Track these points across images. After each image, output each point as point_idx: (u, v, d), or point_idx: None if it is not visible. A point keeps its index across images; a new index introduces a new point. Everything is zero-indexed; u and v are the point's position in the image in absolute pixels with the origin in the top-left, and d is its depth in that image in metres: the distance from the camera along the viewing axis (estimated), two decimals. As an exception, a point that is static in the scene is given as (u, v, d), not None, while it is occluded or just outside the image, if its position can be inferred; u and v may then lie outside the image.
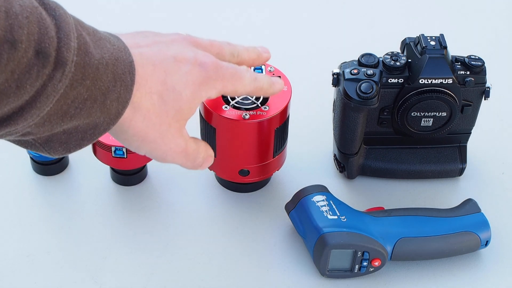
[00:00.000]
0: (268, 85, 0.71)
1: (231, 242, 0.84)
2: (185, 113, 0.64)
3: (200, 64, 0.64)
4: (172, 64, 0.63)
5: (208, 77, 0.65)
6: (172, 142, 0.64)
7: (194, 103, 0.65)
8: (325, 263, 0.79)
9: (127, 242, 0.84)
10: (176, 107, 0.63)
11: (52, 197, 0.88)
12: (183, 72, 0.63)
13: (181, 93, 0.63)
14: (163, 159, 0.66)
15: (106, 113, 0.57)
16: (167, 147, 0.64)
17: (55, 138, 0.57)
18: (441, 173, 0.90)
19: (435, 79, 0.81)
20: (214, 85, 0.65)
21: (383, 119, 0.86)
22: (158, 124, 0.62)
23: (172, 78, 0.62)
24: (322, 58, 1.04)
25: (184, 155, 0.66)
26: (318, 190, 0.82)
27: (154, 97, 0.61)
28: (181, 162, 0.67)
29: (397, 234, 0.79)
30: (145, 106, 0.61)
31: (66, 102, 0.54)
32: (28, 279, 0.80)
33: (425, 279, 0.81)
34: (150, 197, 0.88)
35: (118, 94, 0.57)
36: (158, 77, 0.62)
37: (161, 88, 0.62)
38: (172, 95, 0.62)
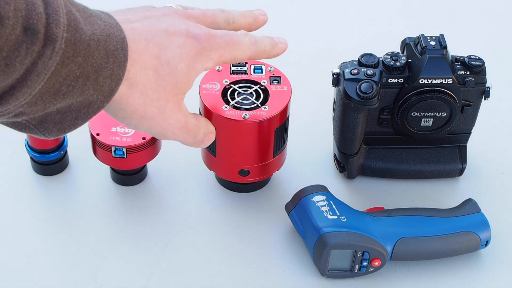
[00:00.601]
0: (270, 46, 0.71)
1: (231, 242, 0.84)
2: (182, 87, 0.63)
3: (193, 36, 0.64)
4: (165, 38, 0.62)
5: (202, 48, 0.64)
6: (172, 118, 0.64)
7: (190, 76, 0.64)
8: (325, 263, 0.79)
9: (127, 242, 0.84)
10: (172, 81, 0.62)
11: (52, 197, 0.88)
12: (177, 45, 0.63)
13: (176, 66, 0.62)
14: (164, 135, 0.65)
15: (99, 90, 0.57)
16: (167, 123, 0.64)
17: (49, 119, 0.57)
18: (441, 173, 0.90)
19: (435, 79, 0.81)
20: (209, 55, 0.65)
21: (383, 119, 0.86)
22: (156, 99, 0.62)
23: (166, 52, 0.62)
24: (322, 58, 1.04)
25: (185, 131, 0.66)
26: (318, 190, 0.82)
27: (149, 72, 0.61)
28: (182, 138, 0.67)
29: (397, 234, 0.79)
30: (141, 81, 0.60)
31: (58, 79, 0.53)
32: (28, 279, 0.80)
33: (425, 279, 0.81)
34: (150, 197, 0.88)
35: (111, 70, 0.57)
36: (151, 51, 0.61)
37: (156, 62, 0.61)
38: (168, 69, 0.62)
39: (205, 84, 0.81)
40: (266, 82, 0.82)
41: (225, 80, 0.82)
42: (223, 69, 0.83)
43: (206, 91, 0.81)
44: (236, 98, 0.80)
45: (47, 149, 0.87)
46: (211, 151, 0.84)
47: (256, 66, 0.83)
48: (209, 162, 0.86)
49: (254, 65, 0.83)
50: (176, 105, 0.64)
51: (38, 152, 0.87)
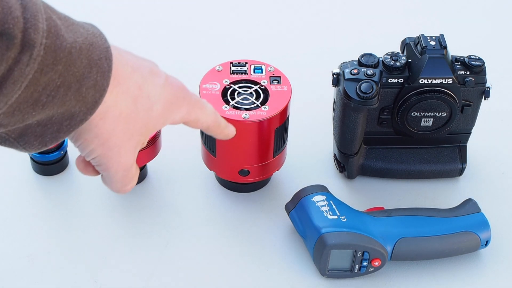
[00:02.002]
0: (224, 123, 0.72)
1: (231, 242, 0.84)
2: (149, 129, 0.62)
3: (171, 84, 0.63)
4: (149, 74, 0.61)
5: (177, 98, 0.63)
6: (125, 156, 0.61)
7: (160, 122, 0.62)
8: (325, 263, 0.79)
9: (127, 242, 0.84)
10: (145, 118, 0.61)
11: (52, 197, 0.88)
12: (158, 84, 0.62)
13: (153, 105, 0.61)
14: (107, 169, 0.62)
15: (82, 101, 0.54)
16: (119, 159, 0.61)
17: (29, 131, 0.54)
18: (441, 173, 0.90)
19: (435, 79, 0.81)
20: (181, 107, 0.64)
21: (383, 119, 0.86)
22: (123, 130, 0.60)
23: (148, 87, 0.61)
24: (322, 58, 1.04)
25: (125, 175, 0.63)
26: (318, 190, 0.82)
27: (129, 100, 0.59)
28: (117, 179, 0.63)
29: (397, 234, 0.79)
30: (119, 106, 0.58)
31: (37, 89, 0.51)
32: (28, 279, 0.80)
33: (425, 279, 0.81)
34: (150, 197, 0.88)
35: (94, 81, 0.54)
36: (136, 80, 0.59)
37: (137, 93, 0.60)
38: (146, 104, 0.60)
39: (205, 84, 0.81)
40: (266, 82, 0.82)
41: (225, 80, 0.82)
42: (223, 69, 0.83)
43: (206, 91, 0.81)
44: (236, 98, 0.80)
45: (47, 149, 0.87)
46: (211, 151, 0.84)
47: (256, 66, 0.83)
48: (209, 162, 0.86)
49: (254, 65, 0.83)
50: (135, 147, 0.61)
51: (38, 152, 0.87)
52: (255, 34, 1.09)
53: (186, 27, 1.09)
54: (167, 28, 1.09)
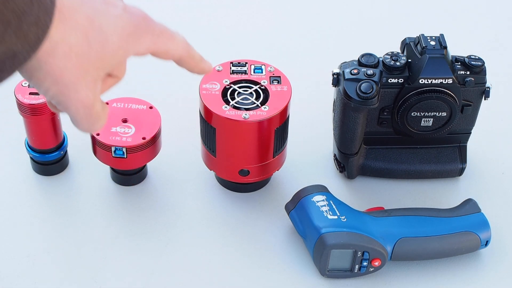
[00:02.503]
0: (199, 57, 0.67)
1: (231, 242, 0.84)
2: (107, 62, 0.58)
3: (130, 12, 0.60)
4: (101, 4, 0.58)
5: (137, 27, 0.60)
6: (83, 92, 0.58)
7: (118, 54, 0.59)
8: (325, 263, 0.79)
9: (127, 242, 0.84)
10: (99, 51, 0.58)
11: (52, 197, 0.88)
12: (113, 15, 0.58)
13: (108, 37, 0.58)
14: (65, 107, 0.58)
15: (23, 39, 0.52)
16: (76, 96, 0.58)
17: None
18: (441, 173, 0.90)
19: (435, 79, 0.81)
20: (143, 38, 0.60)
21: (383, 119, 0.86)
22: (76, 66, 0.57)
23: (100, 18, 0.58)
24: (322, 58, 1.04)
25: (87, 113, 0.59)
26: (318, 190, 0.82)
27: (78, 34, 0.56)
28: (79, 119, 0.60)
29: (397, 234, 0.79)
30: (68, 42, 0.55)
31: None
32: (28, 279, 0.80)
33: (425, 279, 0.81)
34: (150, 197, 0.88)
35: (36, 17, 0.52)
36: (85, 12, 0.57)
37: (88, 25, 0.57)
38: (98, 37, 0.57)
39: (205, 84, 0.81)
40: (266, 82, 0.82)
41: (225, 80, 0.82)
42: (223, 69, 0.83)
43: (206, 91, 0.81)
44: (236, 98, 0.80)
45: (47, 149, 0.87)
46: (211, 151, 0.84)
47: (256, 66, 0.83)
48: (209, 162, 0.86)
49: (254, 65, 0.83)
50: (93, 81, 0.58)
51: (38, 152, 0.87)
52: (255, 34, 1.09)
53: (186, 27, 1.09)
54: (167, 28, 1.09)
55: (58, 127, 0.86)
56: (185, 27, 1.09)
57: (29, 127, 0.85)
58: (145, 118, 0.84)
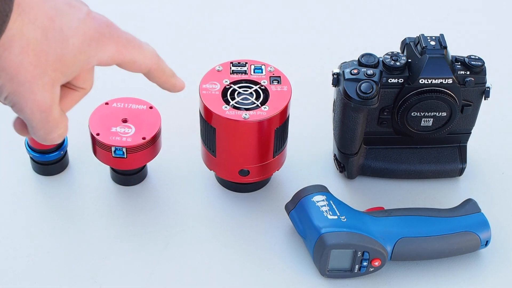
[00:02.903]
0: (171, 72, 0.64)
1: (231, 242, 0.84)
2: (66, 66, 0.56)
3: (94, 18, 0.58)
4: (65, 5, 0.57)
5: (101, 33, 0.58)
6: (40, 94, 0.56)
7: (79, 58, 0.57)
8: (325, 263, 0.79)
9: (127, 242, 0.84)
10: (58, 51, 0.55)
11: (52, 197, 0.88)
12: (76, 18, 0.57)
13: (68, 39, 0.56)
14: (20, 109, 0.56)
15: None
16: (32, 97, 0.55)
17: None
18: (441, 173, 0.90)
19: (435, 79, 0.81)
20: (107, 45, 0.58)
21: (383, 119, 0.86)
22: (33, 64, 0.55)
23: (61, 19, 0.56)
24: (322, 58, 1.04)
25: (44, 118, 0.57)
26: (318, 190, 0.82)
27: (37, 31, 0.55)
28: (35, 124, 0.57)
29: (397, 234, 0.79)
30: (26, 37, 0.54)
31: None
32: (28, 279, 0.80)
33: (425, 279, 0.81)
34: (150, 197, 0.88)
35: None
36: (46, 11, 0.55)
37: (48, 24, 0.55)
38: (58, 37, 0.56)
39: (205, 84, 0.81)
40: (266, 82, 0.82)
41: (225, 80, 0.82)
42: (223, 69, 0.83)
43: (206, 91, 0.81)
44: (236, 98, 0.80)
45: (47, 149, 0.87)
46: (211, 151, 0.84)
47: (256, 66, 0.83)
48: (209, 162, 0.86)
49: (254, 65, 0.83)
50: (51, 83, 0.56)
51: (38, 152, 0.87)
52: (255, 34, 1.09)
53: (186, 27, 1.09)
54: (167, 28, 1.09)
55: (58, 127, 0.86)
56: (185, 27, 1.09)
57: (29, 127, 0.85)
58: (145, 118, 0.84)
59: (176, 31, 1.08)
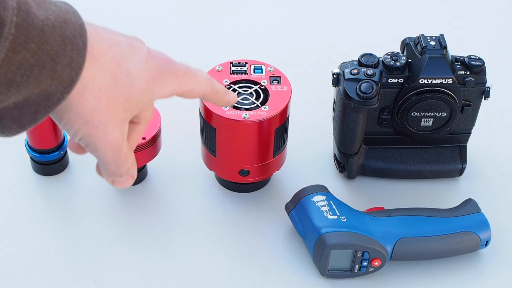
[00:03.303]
0: (224, 90, 0.68)
1: (231, 242, 0.84)
2: (134, 105, 0.60)
3: (154, 57, 0.61)
4: (128, 48, 0.59)
5: (162, 71, 0.61)
6: (112, 134, 0.59)
7: (145, 97, 0.60)
8: (325, 263, 0.79)
9: (127, 242, 0.84)
10: (126, 94, 0.59)
11: (52, 197, 0.88)
12: (139, 59, 0.60)
13: (135, 80, 0.59)
14: (95, 149, 0.60)
15: (57, 80, 0.53)
16: (105, 137, 0.59)
17: (6, 115, 0.53)
18: (441, 173, 0.90)
19: (435, 79, 0.81)
20: (168, 81, 0.62)
21: (383, 119, 0.86)
22: (106, 107, 0.58)
23: (127, 62, 0.59)
24: (322, 58, 1.04)
25: (115, 154, 0.60)
26: (318, 190, 0.82)
27: (107, 76, 0.57)
28: (107, 160, 0.61)
29: (397, 234, 0.79)
30: (98, 83, 0.57)
31: (11, 68, 0.50)
32: (28, 279, 0.80)
33: (425, 279, 0.81)
34: (150, 197, 0.88)
35: (69, 59, 0.53)
36: (113, 56, 0.58)
37: (116, 69, 0.58)
38: (126, 80, 0.59)
39: (205, 84, 0.81)
40: (266, 82, 0.82)
41: (225, 80, 0.82)
42: (223, 69, 0.83)
43: (206, 91, 0.81)
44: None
45: (47, 149, 0.87)
46: (211, 151, 0.84)
47: (256, 66, 0.83)
48: (209, 162, 0.86)
49: (254, 65, 0.83)
50: (121, 123, 0.59)
51: (38, 152, 0.87)
52: (255, 34, 1.09)
53: (186, 27, 1.09)
54: (167, 28, 1.09)
55: (58, 127, 0.86)
56: (185, 27, 1.09)
57: (29, 127, 0.85)
58: (145, 118, 0.84)
59: (176, 31, 1.08)
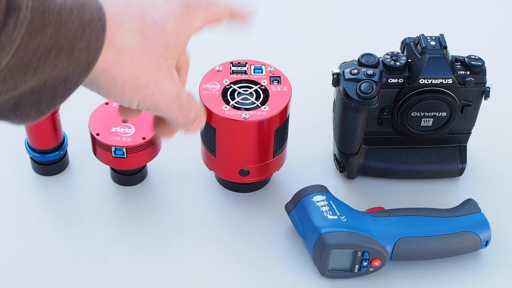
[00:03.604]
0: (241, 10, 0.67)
1: (231, 242, 0.84)
2: (173, 50, 0.59)
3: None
4: (144, 0, 0.59)
5: (187, 6, 0.61)
6: (165, 86, 0.59)
7: (180, 36, 0.60)
8: (325, 263, 0.79)
9: (127, 242, 0.84)
10: (162, 43, 0.58)
11: (52, 197, 0.88)
12: (159, 4, 0.59)
13: (164, 25, 0.59)
14: (157, 107, 0.59)
15: (74, 63, 0.53)
16: (160, 93, 0.59)
17: (24, 100, 0.53)
18: (441, 173, 0.90)
19: (435, 79, 0.81)
20: (195, 14, 0.61)
21: (383, 119, 0.86)
22: (147, 65, 0.57)
23: (150, 12, 0.59)
24: (322, 58, 1.04)
25: (178, 104, 0.60)
26: (318, 190, 0.82)
27: (136, 34, 0.57)
28: (174, 113, 0.61)
29: (397, 234, 0.79)
30: (130, 45, 0.56)
31: (27, 53, 0.50)
32: (28, 279, 0.80)
33: (425, 279, 0.81)
34: (150, 197, 0.88)
35: (87, 42, 0.53)
36: (134, 12, 0.58)
37: (141, 23, 0.58)
38: (155, 29, 0.58)
39: (205, 84, 0.81)
40: (266, 82, 0.82)
41: (225, 80, 0.82)
42: (223, 69, 0.83)
43: (206, 91, 0.81)
44: (236, 98, 0.80)
45: (47, 149, 0.87)
46: (211, 151, 0.84)
47: (256, 66, 0.83)
48: (209, 162, 0.86)
49: (254, 65, 0.83)
50: (168, 72, 0.59)
51: (38, 152, 0.87)
52: (255, 34, 1.09)
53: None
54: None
55: (58, 127, 0.86)
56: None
57: (29, 127, 0.85)
58: (145, 118, 0.84)
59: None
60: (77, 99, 0.67)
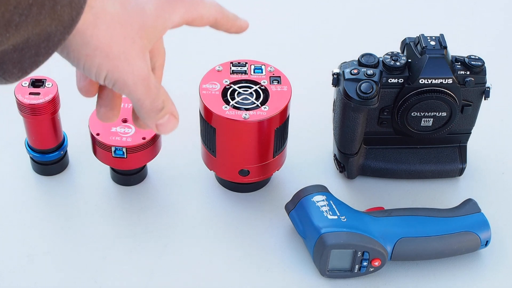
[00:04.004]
0: (233, 15, 0.67)
1: (231, 242, 0.84)
2: (150, 31, 0.59)
3: None
4: None
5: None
6: (136, 64, 0.58)
7: (158, 22, 0.59)
8: (325, 263, 0.79)
9: (127, 242, 0.84)
10: (139, 20, 0.58)
11: (52, 197, 0.88)
12: None
13: (144, 6, 0.59)
14: (123, 83, 0.58)
15: (57, 20, 0.52)
16: (130, 68, 0.57)
17: (7, 59, 0.52)
18: (441, 173, 0.90)
19: (435, 79, 0.81)
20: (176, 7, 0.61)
21: (383, 119, 0.86)
22: (122, 36, 0.57)
23: None
24: (322, 58, 1.04)
25: (146, 84, 0.59)
26: (318, 190, 0.82)
27: (116, 5, 0.57)
28: (140, 94, 0.59)
29: (397, 234, 0.79)
30: (109, 12, 0.56)
31: (8, 8, 0.49)
32: (28, 279, 0.80)
33: (425, 279, 0.81)
34: (150, 197, 0.88)
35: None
36: None
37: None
38: (135, 7, 0.58)
39: (205, 84, 0.81)
40: (266, 82, 0.82)
41: (225, 80, 0.82)
42: (223, 69, 0.83)
43: (206, 91, 0.81)
44: (236, 98, 0.80)
45: (47, 149, 0.87)
46: (211, 151, 0.84)
47: (256, 66, 0.83)
48: (209, 162, 0.86)
49: (254, 65, 0.83)
50: (141, 51, 0.58)
51: (38, 152, 0.87)
52: (255, 34, 1.09)
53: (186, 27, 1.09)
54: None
55: (58, 127, 0.86)
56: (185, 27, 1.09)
57: (29, 127, 0.85)
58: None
59: (177, 31, 1.08)
60: (77, 99, 0.67)
